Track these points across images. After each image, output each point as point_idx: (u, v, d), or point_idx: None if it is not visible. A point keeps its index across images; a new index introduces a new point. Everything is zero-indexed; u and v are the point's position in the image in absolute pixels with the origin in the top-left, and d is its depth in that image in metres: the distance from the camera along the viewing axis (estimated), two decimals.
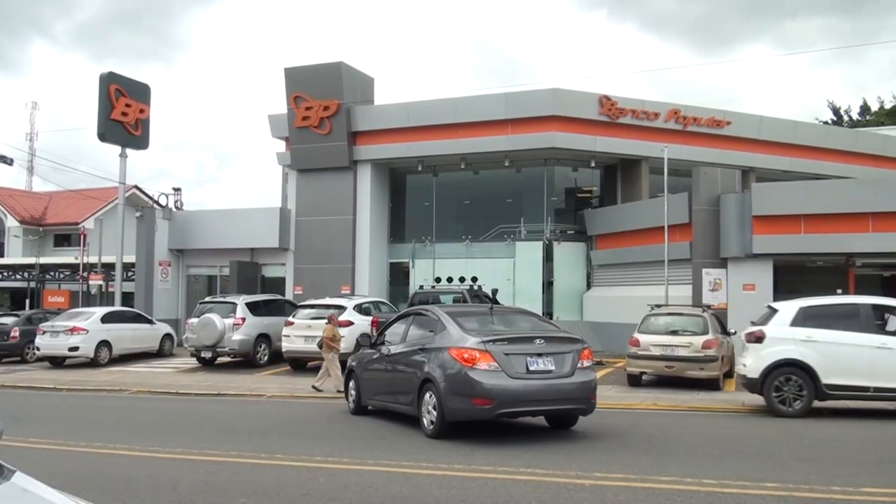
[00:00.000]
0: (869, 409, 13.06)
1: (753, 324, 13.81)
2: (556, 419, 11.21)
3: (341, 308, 20.60)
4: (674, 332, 16.35)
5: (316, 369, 20.23)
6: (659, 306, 18.45)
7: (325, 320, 17.42)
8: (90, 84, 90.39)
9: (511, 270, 27.49)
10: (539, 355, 10.13)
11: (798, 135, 30.20)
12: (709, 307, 18.54)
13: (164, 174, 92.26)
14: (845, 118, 50.29)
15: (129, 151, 28.81)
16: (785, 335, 12.84)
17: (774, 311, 13.52)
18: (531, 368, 10.02)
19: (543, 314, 26.83)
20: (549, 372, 10.10)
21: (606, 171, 29.05)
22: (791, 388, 12.55)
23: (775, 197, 21.19)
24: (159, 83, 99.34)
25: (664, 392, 15.51)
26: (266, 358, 21.64)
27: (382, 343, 12.44)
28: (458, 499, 7.05)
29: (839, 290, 20.21)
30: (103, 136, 27.88)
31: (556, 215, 28.45)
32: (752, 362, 13.04)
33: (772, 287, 20.45)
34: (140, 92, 29.03)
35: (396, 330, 12.38)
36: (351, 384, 13.20)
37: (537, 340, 10.36)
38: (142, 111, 28.80)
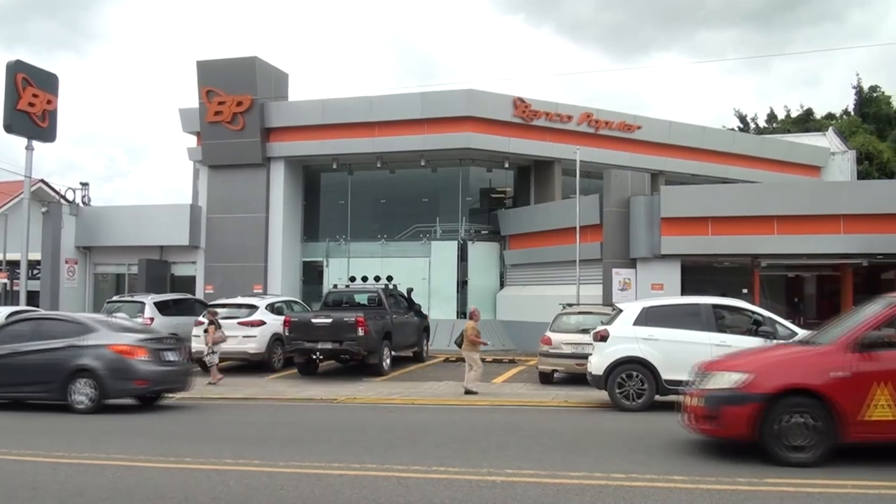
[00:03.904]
0: None
1: (602, 323, 14.28)
2: (143, 398, 14.21)
3: (253, 308, 20.29)
4: (585, 331, 16.57)
5: (226, 370, 19.90)
6: (570, 305, 18.76)
7: (467, 318, 16.94)
8: None
9: (426, 270, 27.54)
10: (169, 350, 13.96)
11: (706, 140, 31.18)
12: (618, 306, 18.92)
13: (73, 168, 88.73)
14: (752, 126, 51.82)
15: (35, 144, 27.68)
16: (628, 334, 13.35)
17: (620, 311, 13.99)
18: (166, 359, 13.77)
19: (458, 313, 27.09)
20: (175, 362, 14.01)
21: (520, 172, 29.36)
22: (633, 384, 13.09)
23: (683, 199, 21.77)
24: (71, 74, 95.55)
25: (575, 389, 15.76)
26: None
27: None
28: (370, 499, 7.02)
29: (745, 290, 20.99)
30: (9, 128, 26.71)
31: (470, 215, 28.61)
32: (597, 360, 13.54)
33: (679, 287, 20.97)
34: (48, 82, 27.92)
35: (14, 331, 14.21)
36: None
37: (168, 339, 14.44)
38: (49, 102, 27.69)
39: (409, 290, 22.61)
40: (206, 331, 18.04)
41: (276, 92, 27.99)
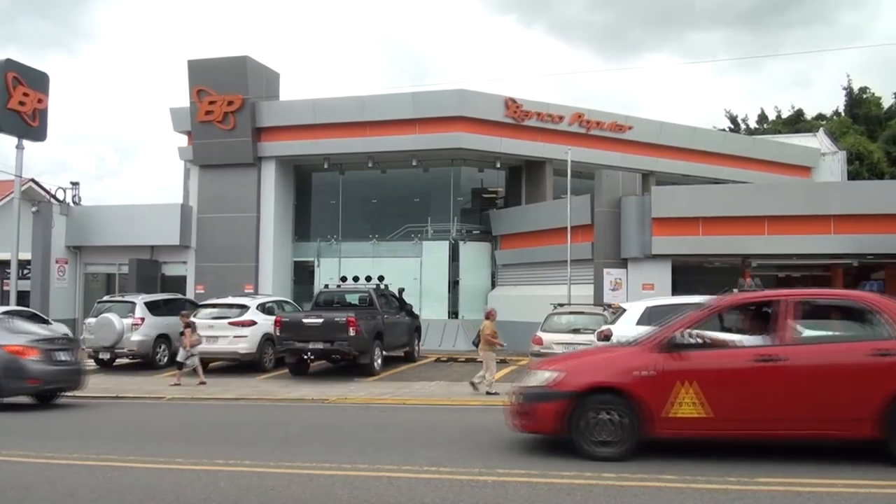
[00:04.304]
0: None
1: (605, 323, 14.30)
2: (41, 396, 14.75)
3: (244, 307, 20.25)
4: (576, 331, 16.65)
5: (217, 370, 19.89)
6: (561, 305, 18.77)
7: (484, 317, 16.70)
8: None
9: (418, 270, 27.53)
10: (61, 350, 14.46)
11: (697, 140, 31.26)
12: (609, 306, 18.95)
13: (64, 167, 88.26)
14: (742, 126, 51.96)
15: (26, 143, 27.50)
16: (630, 333, 13.31)
17: (624, 310, 14.00)
18: (58, 359, 14.25)
19: (450, 313, 27.12)
20: (67, 362, 14.49)
21: (511, 172, 29.38)
22: None
23: (674, 200, 21.82)
24: (62, 73, 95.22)
25: None
26: (166, 359, 21.07)
27: None
28: (361, 499, 7.01)
29: (735, 290, 20.99)
30: None
31: (462, 215, 28.59)
32: None
33: (670, 287, 21.02)
34: (39, 81, 27.74)
35: None
36: None
37: (60, 340, 15.22)
38: (40, 101, 27.52)
39: (401, 290, 22.61)
40: (181, 334, 18.03)
41: (268, 91, 27.95)
